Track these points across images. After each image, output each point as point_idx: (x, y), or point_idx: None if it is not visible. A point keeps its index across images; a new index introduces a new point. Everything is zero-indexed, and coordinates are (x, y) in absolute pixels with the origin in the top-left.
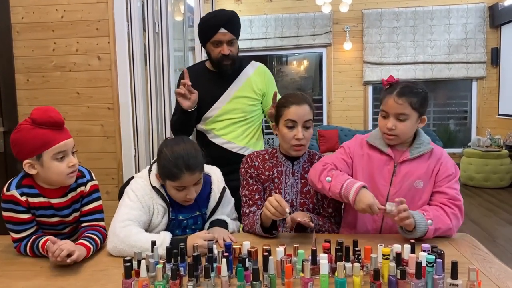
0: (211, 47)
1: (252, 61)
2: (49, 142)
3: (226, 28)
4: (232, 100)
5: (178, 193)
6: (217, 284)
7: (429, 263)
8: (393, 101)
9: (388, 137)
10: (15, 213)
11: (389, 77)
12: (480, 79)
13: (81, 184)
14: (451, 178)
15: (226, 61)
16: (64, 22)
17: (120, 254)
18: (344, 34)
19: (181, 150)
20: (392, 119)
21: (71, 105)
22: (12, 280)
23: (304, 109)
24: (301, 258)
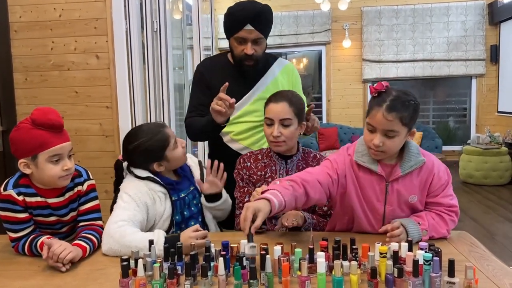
0: (234, 42)
1: (279, 58)
2: (46, 144)
3: (254, 25)
4: (255, 101)
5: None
6: (214, 282)
7: (426, 261)
8: (382, 116)
9: (374, 152)
10: (13, 212)
11: (378, 84)
12: (480, 76)
13: (78, 183)
14: (444, 186)
15: (249, 62)
16: (62, 21)
17: (116, 254)
18: (343, 32)
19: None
20: (380, 135)
21: (69, 104)
22: (9, 280)
23: (281, 107)
24: (298, 257)
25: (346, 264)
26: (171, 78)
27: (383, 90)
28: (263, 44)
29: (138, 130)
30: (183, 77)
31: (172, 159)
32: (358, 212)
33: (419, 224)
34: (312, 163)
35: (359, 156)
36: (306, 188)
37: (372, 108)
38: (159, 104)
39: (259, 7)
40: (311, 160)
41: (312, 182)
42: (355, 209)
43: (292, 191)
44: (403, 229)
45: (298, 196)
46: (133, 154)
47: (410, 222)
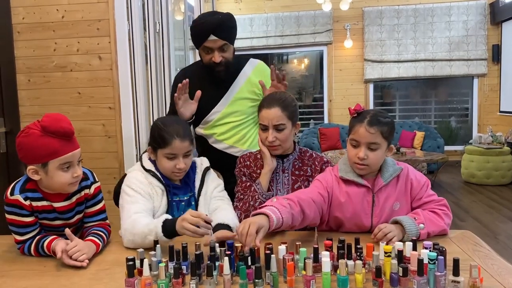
0: (202, 52)
1: (250, 59)
2: (57, 152)
3: (216, 34)
4: (233, 103)
5: (169, 162)
6: (220, 282)
7: (431, 260)
8: (365, 130)
9: (359, 166)
10: (19, 216)
11: (356, 105)
12: (481, 76)
13: (85, 187)
14: (425, 187)
15: (219, 68)
16: (65, 22)
17: (135, 245)
18: (344, 32)
19: (172, 121)
20: (364, 148)
21: (72, 105)
22: (14, 280)
23: (274, 113)
24: (303, 256)
25: (351, 263)
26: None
27: (362, 110)
28: (230, 50)
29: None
30: None
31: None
32: (346, 227)
33: (415, 219)
34: (308, 162)
35: (343, 173)
36: (302, 206)
37: (353, 126)
38: (162, 105)
39: (219, 18)
40: (307, 159)
41: (307, 201)
42: (344, 223)
43: (289, 209)
44: (394, 229)
45: (294, 215)
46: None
47: (406, 218)
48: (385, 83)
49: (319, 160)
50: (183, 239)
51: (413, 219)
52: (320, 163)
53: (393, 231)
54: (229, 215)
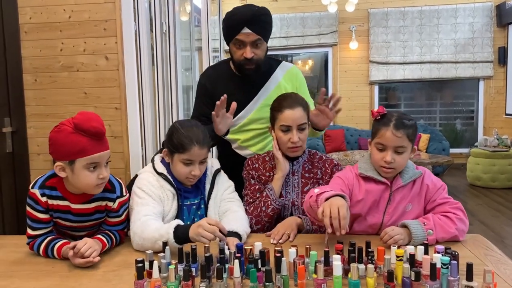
0: (233, 47)
1: (282, 62)
2: (85, 151)
3: (251, 27)
4: (260, 109)
5: (184, 168)
6: (229, 285)
7: (444, 264)
8: (391, 134)
9: (386, 170)
10: (34, 210)
11: (379, 108)
12: (487, 78)
13: (109, 199)
14: (441, 190)
15: (249, 65)
16: (72, 22)
17: (144, 249)
18: (350, 34)
19: (192, 125)
20: (390, 152)
21: (78, 105)
22: (23, 281)
23: (298, 113)
24: (313, 259)
25: (362, 267)
26: (179, 80)
27: (385, 113)
28: (262, 46)
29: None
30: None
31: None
32: (356, 222)
33: (424, 224)
34: (318, 164)
35: (363, 170)
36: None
37: (378, 129)
38: (168, 106)
39: (255, 9)
40: (317, 161)
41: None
42: (356, 218)
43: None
44: (401, 232)
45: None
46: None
47: (414, 222)
48: (390, 85)
49: (329, 162)
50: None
51: (422, 224)
52: (330, 166)
53: (400, 234)
54: (240, 221)
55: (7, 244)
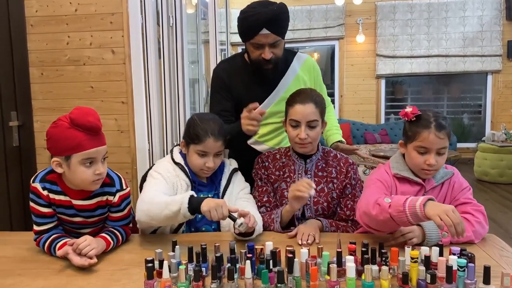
0: (251, 47)
1: (297, 53)
2: (81, 146)
3: (269, 28)
4: (279, 102)
5: (199, 159)
6: (241, 285)
7: (460, 267)
8: (435, 136)
9: (427, 172)
10: (37, 205)
11: (413, 108)
12: (496, 72)
13: (109, 193)
14: (466, 190)
15: (267, 66)
16: (78, 16)
17: (149, 216)
18: (357, 27)
19: (209, 118)
20: (434, 154)
21: (85, 99)
22: (30, 279)
23: (308, 109)
24: (326, 260)
25: (375, 269)
26: (186, 74)
27: (420, 113)
28: (281, 45)
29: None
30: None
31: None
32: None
33: None
34: (333, 163)
35: (397, 170)
36: None
37: (418, 132)
38: (175, 100)
39: (274, 9)
40: (331, 160)
41: None
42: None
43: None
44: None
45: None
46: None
47: (429, 223)
48: (397, 79)
49: (344, 161)
50: (202, 239)
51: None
52: (345, 165)
53: (413, 232)
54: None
55: (14, 240)
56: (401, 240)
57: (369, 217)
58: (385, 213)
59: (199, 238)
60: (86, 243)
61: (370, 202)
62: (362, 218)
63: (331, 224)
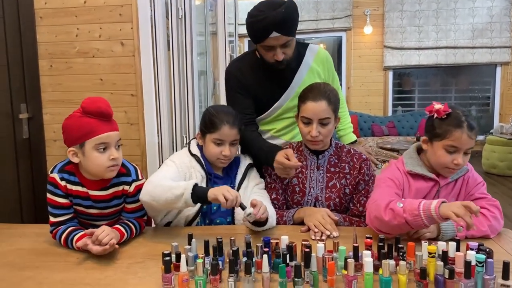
0: (262, 50)
1: (309, 45)
2: (93, 131)
3: (279, 31)
4: (295, 97)
5: (215, 148)
6: (257, 279)
7: (479, 262)
8: (467, 137)
9: (452, 171)
10: (54, 196)
11: (444, 106)
12: (505, 64)
13: (125, 182)
14: (480, 185)
15: (280, 66)
16: (87, 8)
17: (151, 197)
18: (364, 18)
19: (224, 109)
20: (461, 154)
21: (94, 92)
22: (49, 272)
23: (320, 106)
24: (343, 255)
25: (392, 263)
26: (195, 66)
27: (451, 111)
28: (292, 44)
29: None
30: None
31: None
32: None
33: None
34: (346, 158)
35: (410, 167)
36: None
37: (449, 130)
38: (184, 92)
39: (282, 12)
40: (344, 155)
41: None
42: None
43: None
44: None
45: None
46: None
47: None
48: (404, 71)
49: (357, 157)
50: (216, 232)
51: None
52: (359, 161)
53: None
54: (270, 210)
55: (30, 233)
56: (415, 236)
57: (381, 222)
58: (399, 218)
59: (213, 231)
60: (105, 233)
61: (381, 206)
62: (373, 223)
63: (345, 219)
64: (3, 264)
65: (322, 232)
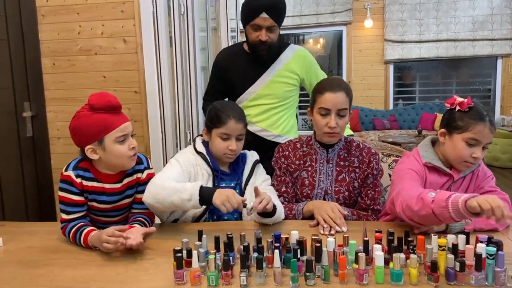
0: (250, 29)
1: (290, 44)
2: (110, 125)
3: (268, 13)
4: (269, 85)
5: (222, 143)
6: (269, 274)
7: (489, 255)
8: (489, 131)
9: (469, 165)
10: (69, 193)
11: (468, 99)
12: (506, 56)
13: (138, 170)
14: (489, 178)
15: (262, 47)
16: (89, 5)
17: (154, 199)
18: (364, 12)
19: (230, 104)
20: (481, 148)
21: (97, 89)
22: (60, 269)
23: (339, 97)
24: (353, 249)
25: (402, 257)
26: (198, 62)
27: (473, 105)
28: (276, 31)
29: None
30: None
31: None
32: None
33: None
34: (355, 152)
35: (428, 160)
36: None
37: (471, 124)
38: (187, 89)
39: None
40: (354, 149)
41: None
42: None
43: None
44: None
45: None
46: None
47: None
48: (405, 64)
49: (367, 151)
50: (225, 228)
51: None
52: (368, 155)
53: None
54: (278, 204)
55: (39, 231)
56: (423, 230)
57: (412, 211)
58: (427, 208)
59: (221, 227)
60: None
61: (413, 196)
62: (405, 212)
63: (352, 213)
64: (14, 262)
65: (331, 226)
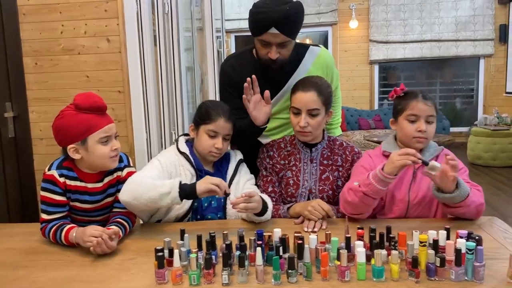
0: (258, 44)
1: (309, 47)
2: (94, 126)
3: (279, 28)
4: (288, 100)
5: (209, 140)
6: (251, 272)
7: (469, 250)
8: (423, 104)
9: (420, 140)
10: (51, 193)
11: (401, 85)
12: (488, 56)
13: (119, 169)
14: (463, 171)
15: (273, 65)
16: (72, 4)
17: (131, 196)
18: (350, 12)
19: (220, 104)
20: (423, 121)
21: (81, 89)
22: (39, 270)
23: (309, 97)
24: (335, 246)
25: (384, 253)
26: (183, 61)
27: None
28: (289, 46)
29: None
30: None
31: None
32: (385, 203)
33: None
34: (338, 151)
35: (386, 147)
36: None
37: (407, 103)
38: (171, 88)
39: (286, 9)
40: (337, 148)
41: None
42: (385, 200)
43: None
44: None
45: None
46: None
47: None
48: (389, 64)
49: (350, 150)
50: (208, 227)
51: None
52: (351, 153)
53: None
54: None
55: (18, 232)
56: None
57: (348, 204)
58: (358, 194)
59: (205, 226)
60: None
61: (344, 191)
62: (345, 208)
63: (338, 210)
64: None
65: (316, 217)
